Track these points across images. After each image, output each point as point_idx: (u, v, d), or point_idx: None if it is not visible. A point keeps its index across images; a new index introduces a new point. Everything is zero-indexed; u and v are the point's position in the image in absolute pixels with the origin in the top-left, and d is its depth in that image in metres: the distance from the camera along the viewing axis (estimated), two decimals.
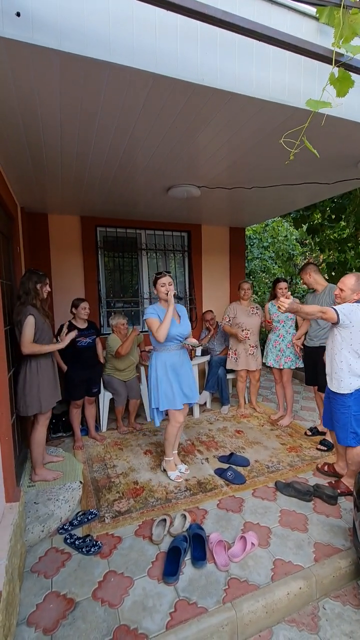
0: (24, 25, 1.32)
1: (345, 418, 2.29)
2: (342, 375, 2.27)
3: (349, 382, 2.25)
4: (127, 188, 3.21)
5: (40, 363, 2.53)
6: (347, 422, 2.28)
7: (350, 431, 2.28)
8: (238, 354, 3.92)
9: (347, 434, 2.29)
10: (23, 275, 2.60)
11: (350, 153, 2.52)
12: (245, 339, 3.85)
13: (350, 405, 2.26)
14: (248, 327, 3.87)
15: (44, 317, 2.59)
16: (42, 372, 2.53)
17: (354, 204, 4.70)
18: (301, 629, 1.61)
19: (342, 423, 2.30)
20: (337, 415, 2.34)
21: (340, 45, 1.58)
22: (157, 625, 1.53)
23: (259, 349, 3.98)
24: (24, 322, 2.44)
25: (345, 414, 2.28)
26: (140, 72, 1.53)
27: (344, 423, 2.29)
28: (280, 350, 3.62)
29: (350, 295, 2.26)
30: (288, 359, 3.57)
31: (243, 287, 4.01)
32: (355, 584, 1.85)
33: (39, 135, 2.11)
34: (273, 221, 8.24)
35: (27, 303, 2.51)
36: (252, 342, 3.90)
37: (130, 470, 2.83)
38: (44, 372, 2.54)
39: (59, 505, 2.25)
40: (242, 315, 3.91)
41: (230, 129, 2.12)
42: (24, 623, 1.55)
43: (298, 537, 2.04)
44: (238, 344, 3.92)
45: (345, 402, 2.28)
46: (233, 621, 1.56)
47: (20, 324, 2.45)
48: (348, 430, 2.28)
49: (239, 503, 2.37)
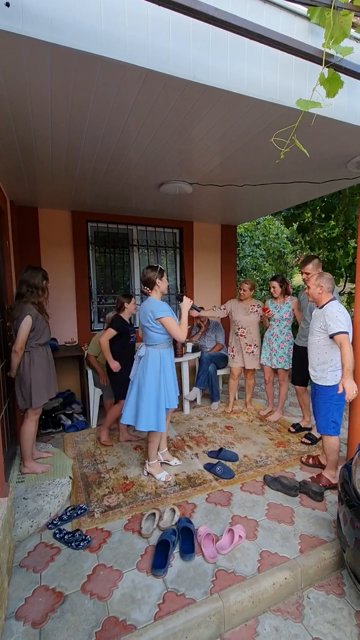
0: (14, 15, 1.30)
1: (327, 407, 2.38)
2: (329, 369, 2.38)
3: (334, 374, 2.37)
4: (119, 183, 3.19)
5: (33, 359, 2.52)
6: (329, 411, 2.37)
7: (331, 420, 2.37)
8: (235, 351, 3.90)
9: (327, 422, 2.39)
10: (25, 272, 2.55)
11: (339, 153, 2.55)
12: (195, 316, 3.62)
13: (333, 395, 2.35)
14: (245, 325, 3.82)
15: (43, 315, 2.58)
16: (36, 368, 2.53)
17: (343, 204, 4.77)
18: (286, 618, 1.66)
19: (324, 412, 2.39)
20: (320, 405, 2.44)
21: (330, 45, 1.60)
22: (146, 616, 1.55)
23: (259, 347, 3.85)
24: (21, 320, 2.43)
25: (328, 403, 2.38)
26: (132, 67, 1.52)
27: (326, 411, 2.39)
28: (272, 350, 3.63)
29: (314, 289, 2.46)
30: (281, 359, 3.57)
31: (243, 286, 3.82)
32: (339, 574, 1.91)
33: (29, 128, 2.08)
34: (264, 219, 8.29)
35: (28, 301, 2.49)
36: (249, 340, 3.82)
37: (120, 466, 2.84)
38: (37, 368, 2.54)
39: (48, 501, 2.25)
40: (239, 313, 3.84)
41: (222, 126, 2.13)
42: (13, 617, 1.56)
43: (284, 530, 2.09)
44: (235, 342, 3.89)
45: (329, 391, 2.38)
46: (220, 611, 1.60)
47: (18, 321, 2.44)
48: (329, 419, 2.38)
49: (228, 497, 2.41)
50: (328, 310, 2.34)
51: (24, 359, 2.50)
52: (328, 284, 2.41)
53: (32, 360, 2.51)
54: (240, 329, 3.83)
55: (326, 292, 2.40)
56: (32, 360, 2.51)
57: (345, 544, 1.71)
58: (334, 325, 2.26)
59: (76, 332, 4.38)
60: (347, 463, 1.95)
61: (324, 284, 2.40)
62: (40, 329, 2.53)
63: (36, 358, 2.53)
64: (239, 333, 3.84)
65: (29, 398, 2.51)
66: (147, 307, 2.50)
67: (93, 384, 3.60)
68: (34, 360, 2.52)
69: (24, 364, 2.50)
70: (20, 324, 2.42)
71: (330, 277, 2.44)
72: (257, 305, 3.85)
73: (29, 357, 2.51)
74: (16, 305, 2.52)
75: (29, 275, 2.53)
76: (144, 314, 2.52)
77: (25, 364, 2.50)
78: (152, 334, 2.51)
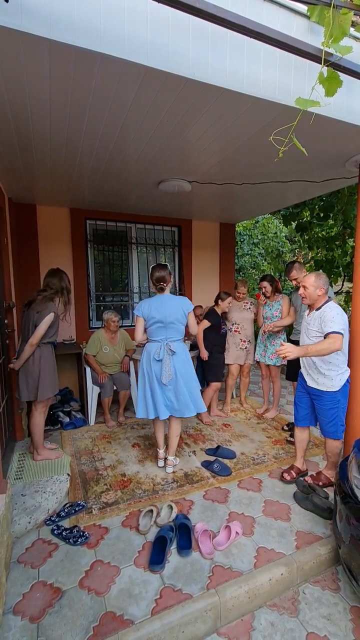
0: (13, 11, 1.30)
1: (335, 413, 2.33)
2: (335, 374, 2.30)
3: (339, 378, 2.31)
4: (118, 180, 3.18)
5: (43, 354, 2.65)
6: (337, 416, 2.33)
7: (340, 424, 2.35)
8: (228, 347, 3.91)
9: (337, 427, 2.35)
10: (52, 274, 2.74)
11: (338, 152, 2.56)
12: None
13: (339, 399, 2.33)
14: (238, 321, 3.88)
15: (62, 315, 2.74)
16: (44, 362, 2.65)
17: (341, 203, 4.78)
18: (282, 613, 1.68)
19: (333, 418, 2.34)
20: (324, 411, 2.36)
21: (329, 44, 1.60)
22: (143, 611, 1.57)
23: (252, 344, 3.94)
24: (45, 315, 2.56)
25: (335, 409, 2.33)
26: (131, 64, 1.52)
27: (335, 417, 2.34)
28: (265, 346, 3.68)
29: (314, 291, 2.31)
30: (273, 356, 3.60)
31: (240, 289, 3.85)
32: (334, 570, 1.93)
33: (27, 124, 2.07)
34: (263, 218, 8.29)
35: (52, 298, 2.65)
36: (243, 336, 3.88)
37: (118, 463, 2.85)
38: (46, 362, 2.66)
39: (46, 497, 2.26)
40: (234, 311, 3.91)
41: (220, 124, 2.13)
42: (10, 612, 1.57)
43: (281, 526, 2.11)
44: (229, 338, 3.92)
45: (335, 397, 2.32)
46: (216, 606, 1.61)
47: (40, 315, 2.56)
48: (338, 424, 2.34)
49: (225, 494, 2.43)
50: (326, 312, 2.26)
51: (34, 353, 2.61)
52: (326, 285, 2.35)
53: (42, 355, 2.64)
54: (235, 324, 3.89)
55: (324, 293, 2.35)
56: (42, 355, 2.64)
57: (340, 540, 1.73)
58: (331, 324, 2.19)
59: (74, 329, 4.38)
60: (343, 461, 1.97)
61: (324, 285, 2.32)
62: (56, 327, 2.68)
63: (45, 353, 2.66)
64: (234, 329, 3.89)
65: (35, 391, 2.62)
66: (176, 303, 2.62)
67: (91, 381, 3.61)
68: (43, 354, 2.64)
69: (34, 358, 2.62)
70: (43, 318, 2.54)
71: (326, 278, 2.37)
72: (250, 302, 3.95)
73: (39, 352, 2.63)
74: (40, 300, 2.63)
75: (57, 279, 2.72)
76: (174, 311, 2.58)
77: (35, 358, 2.62)
78: (182, 328, 2.66)
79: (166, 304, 2.59)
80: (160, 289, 2.64)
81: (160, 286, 2.63)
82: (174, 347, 2.60)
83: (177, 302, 2.62)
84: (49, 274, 2.78)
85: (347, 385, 2.36)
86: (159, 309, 2.57)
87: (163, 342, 2.61)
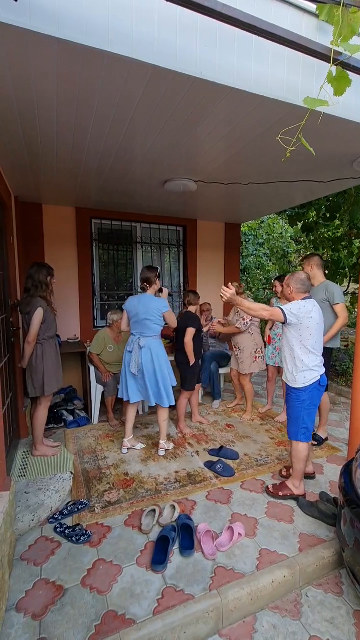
0: (22, 10, 1.30)
1: (297, 412, 2.28)
2: (296, 370, 2.28)
3: (302, 376, 2.26)
4: (124, 180, 3.19)
5: (45, 350, 2.69)
6: (299, 417, 2.28)
7: (302, 426, 2.27)
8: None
9: (298, 429, 2.29)
10: (31, 268, 2.71)
11: (346, 152, 2.54)
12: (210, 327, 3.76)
13: (305, 400, 2.27)
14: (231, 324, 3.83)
15: (52, 309, 2.73)
16: (47, 358, 2.69)
17: (348, 203, 4.75)
18: (284, 616, 1.66)
19: (295, 417, 2.30)
20: (289, 408, 2.36)
21: (339, 43, 1.59)
22: (145, 611, 1.57)
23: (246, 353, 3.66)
24: (33, 314, 2.57)
25: (299, 408, 2.28)
26: (139, 63, 1.52)
27: (297, 417, 2.29)
28: (276, 349, 3.65)
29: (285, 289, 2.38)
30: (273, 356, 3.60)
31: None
32: (338, 573, 1.92)
33: (34, 123, 2.08)
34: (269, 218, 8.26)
35: (35, 295, 2.65)
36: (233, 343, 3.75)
37: (121, 462, 2.85)
38: (48, 358, 2.70)
39: (49, 495, 2.27)
40: (231, 314, 3.94)
41: (228, 123, 2.12)
42: (13, 609, 1.57)
43: (284, 528, 2.10)
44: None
45: (299, 396, 2.28)
46: (218, 607, 1.61)
47: (29, 316, 2.59)
48: (300, 425, 2.28)
49: (228, 495, 2.42)
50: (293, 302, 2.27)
51: (37, 350, 2.65)
52: (297, 285, 2.30)
53: (44, 351, 2.67)
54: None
55: (296, 292, 2.30)
56: (44, 351, 2.67)
57: (344, 544, 1.71)
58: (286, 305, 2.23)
59: (79, 328, 4.39)
60: (347, 463, 1.95)
61: (293, 284, 2.31)
62: (50, 321, 2.69)
63: (47, 349, 2.70)
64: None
65: (41, 387, 2.66)
66: (150, 303, 2.81)
67: (95, 380, 3.62)
68: (45, 351, 2.68)
69: (37, 355, 2.65)
70: (32, 316, 2.57)
71: (301, 278, 2.32)
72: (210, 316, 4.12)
73: (41, 349, 2.66)
74: (25, 300, 2.68)
75: (34, 271, 2.69)
76: (147, 309, 2.79)
77: (38, 354, 2.66)
78: (154, 327, 2.82)
79: (144, 302, 2.83)
80: (142, 288, 2.90)
81: (143, 286, 2.89)
82: (143, 342, 2.82)
83: (153, 302, 2.82)
84: (29, 268, 2.73)
85: (317, 389, 2.28)
86: (137, 306, 2.84)
87: (136, 336, 2.86)
